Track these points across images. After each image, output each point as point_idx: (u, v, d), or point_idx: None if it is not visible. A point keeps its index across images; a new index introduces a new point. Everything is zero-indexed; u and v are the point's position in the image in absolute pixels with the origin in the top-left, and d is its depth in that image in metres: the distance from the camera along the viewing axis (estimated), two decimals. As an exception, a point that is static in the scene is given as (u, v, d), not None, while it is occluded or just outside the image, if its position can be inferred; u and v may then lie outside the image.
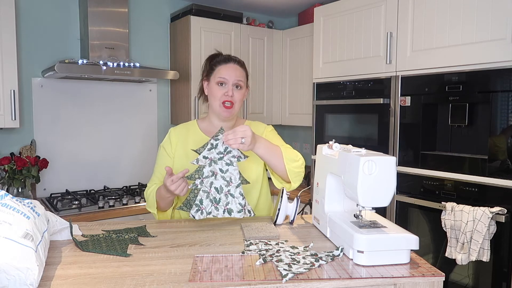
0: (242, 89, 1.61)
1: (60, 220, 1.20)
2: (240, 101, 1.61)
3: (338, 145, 1.26)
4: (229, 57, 1.64)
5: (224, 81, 1.58)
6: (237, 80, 1.58)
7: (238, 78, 1.58)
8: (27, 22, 2.57)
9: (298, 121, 3.26)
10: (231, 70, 1.59)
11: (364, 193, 1.08)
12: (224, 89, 1.58)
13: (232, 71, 1.59)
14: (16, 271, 0.83)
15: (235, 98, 1.58)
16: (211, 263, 1.04)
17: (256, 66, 3.27)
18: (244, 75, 1.63)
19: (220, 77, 1.58)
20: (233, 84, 1.58)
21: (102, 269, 1.00)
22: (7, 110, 2.25)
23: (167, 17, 3.14)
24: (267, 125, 1.76)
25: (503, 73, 1.75)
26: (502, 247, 1.76)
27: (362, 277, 0.97)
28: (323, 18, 2.66)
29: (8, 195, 0.98)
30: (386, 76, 2.24)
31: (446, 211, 1.87)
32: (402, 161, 2.16)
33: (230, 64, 1.61)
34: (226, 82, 1.57)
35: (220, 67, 1.60)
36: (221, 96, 1.57)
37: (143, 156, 3.05)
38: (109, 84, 2.89)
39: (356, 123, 2.45)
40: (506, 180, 1.74)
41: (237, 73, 1.59)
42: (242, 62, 1.65)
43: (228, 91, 1.57)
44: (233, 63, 1.61)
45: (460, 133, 2.03)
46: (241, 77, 1.60)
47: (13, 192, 2.37)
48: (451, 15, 1.94)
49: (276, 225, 1.40)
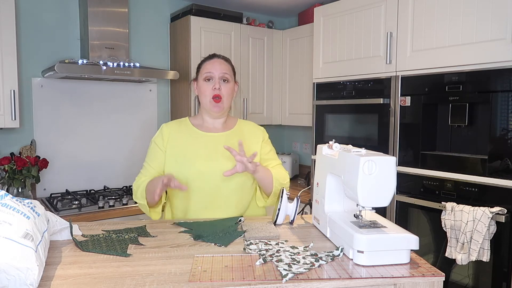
0: (230, 83, 1.63)
1: (60, 220, 1.20)
2: (228, 96, 1.63)
3: (338, 145, 1.26)
4: (213, 54, 1.69)
5: (210, 75, 1.61)
6: (222, 73, 1.61)
7: (223, 71, 1.61)
8: (27, 22, 2.57)
9: (298, 121, 3.26)
10: (216, 64, 1.63)
11: (364, 193, 1.08)
12: (211, 84, 1.61)
13: (217, 65, 1.63)
14: (16, 271, 0.83)
15: (222, 91, 1.60)
16: (211, 263, 1.04)
17: (256, 66, 3.27)
18: (229, 69, 1.66)
19: (206, 72, 1.62)
20: (219, 78, 1.60)
21: (102, 269, 1.00)
22: (7, 110, 2.25)
23: (167, 17, 3.14)
24: (260, 126, 1.78)
25: (503, 73, 1.75)
26: (502, 247, 1.76)
27: (362, 277, 0.97)
28: (323, 18, 2.66)
29: (8, 195, 0.98)
30: (386, 76, 2.24)
31: (446, 211, 1.87)
32: (402, 161, 2.16)
33: (214, 59, 1.65)
34: (212, 76, 1.61)
35: (205, 64, 1.65)
36: (210, 91, 1.60)
37: (143, 156, 3.02)
38: (109, 84, 2.89)
39: (356, 123, 2.45)
40: (506, 180, 1.74)
41: (222, 66, 1.63)
42: (226, 58, 1.70)
43: (215, 85, 1.60)
44: (217, 58, 1.66)
45: (460, 133, 2.03)
46: (226, 70, 1.63)
47: (13, 192, 2.37)
48: (451, 15, 1.94)
49: (276, 225, 1.40)
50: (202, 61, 1.69)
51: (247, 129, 1.73)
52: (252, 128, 1.74)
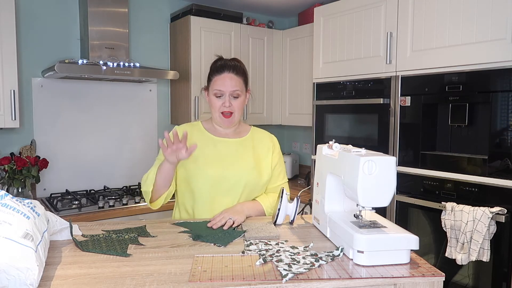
0: (240, 97, 1.59)
1: (60, 220, 1.20)
2: (239, 110, 1.60)
3: (338, 145, 1.26)
4: (223, 66, 1.58)
5: (220, 93, 1.57)
6: (232, 91, 1.56)
7: (233, 89, 1.56)
8: (27, 22, 2.57)
9: (298, 121, 3.26)
10: (227, 81, 1.55)
11: (364, 193, 1.08)
12: (221, 100, 1.57)
13: (228, 81, 1.55)
14: (16, 271, 0.83)
15: (233, 107, 1.58)
16: (211, 263, 1.04)
17: (256, 66, 3.27)
18: (241, 82, 1.59)
19: (216, 89, 1.57)
20: (229, 95, 1.56)
21: (102, 269, 1.00)
22: (7, 110, 2.25)
23: (167, 17, 3.14)
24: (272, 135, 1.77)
25: (503, 73, 1.75)
26: (502, 247, 1.76)
27: (362, 277, 0.97)
28: (323, 18, 2.66)
29: (8, 195, 0.98)
30: (386, 76, 2.24)
31: (446, 211, 1.87)
32: (402, 161, 2.16)
33: (225, 74, 1.56)
34: (223, 93, 1.56)
35: (215, 79, 1.58)
36: (220, 107, 1.57)
37: (143, 156, 3.05)
38: (109, 84, 2.89)
39: (356, 123, 2.45)
40: (506, 180, 1.74)
41: (233, 82, 1.56)
42: (238, 67, 1.59)
43: (225, 102, 1.56)
44: (227, 72, 1.56)
45: (460, 133, 2.03)
46: (237, 87, 1.56)
47: (13, 192, 2.37)
48: (451, 15, 1.94)
49: (276, 225, 1.40)
50: (212, 71, 1.60)
51: (259, 137, 1.72)
52: (264, 137, 1.73)
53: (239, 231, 1.30)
